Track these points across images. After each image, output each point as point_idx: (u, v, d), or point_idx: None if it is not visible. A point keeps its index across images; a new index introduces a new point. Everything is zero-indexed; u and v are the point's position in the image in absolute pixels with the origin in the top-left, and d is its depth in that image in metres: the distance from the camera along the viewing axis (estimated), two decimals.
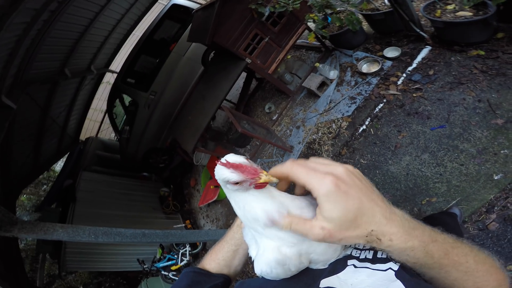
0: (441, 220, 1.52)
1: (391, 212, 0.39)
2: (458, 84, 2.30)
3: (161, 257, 3.77)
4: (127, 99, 4.92)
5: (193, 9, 4.09)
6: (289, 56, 4.41)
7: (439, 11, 2.42)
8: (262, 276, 0.47)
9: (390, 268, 0.43)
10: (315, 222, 0.39)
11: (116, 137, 6.24)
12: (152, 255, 3.91)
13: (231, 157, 0.41)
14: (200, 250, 4.14)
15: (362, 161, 2.71)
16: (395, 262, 0.44)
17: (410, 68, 2.75)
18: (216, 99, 3.37)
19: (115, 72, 5.54)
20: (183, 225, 4.65)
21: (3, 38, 2.26)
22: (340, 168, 0.39)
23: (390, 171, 2.45)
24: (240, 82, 4.59)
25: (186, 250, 3.89)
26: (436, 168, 2.17)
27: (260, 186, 0.42)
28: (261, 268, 0.45)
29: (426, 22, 2.82)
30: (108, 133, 8.11)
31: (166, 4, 4.60)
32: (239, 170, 0.40)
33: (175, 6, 4.48)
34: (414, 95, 2.55)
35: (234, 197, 0.45)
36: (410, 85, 2.64)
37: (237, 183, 0.40)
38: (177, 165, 5.65)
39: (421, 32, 2.62)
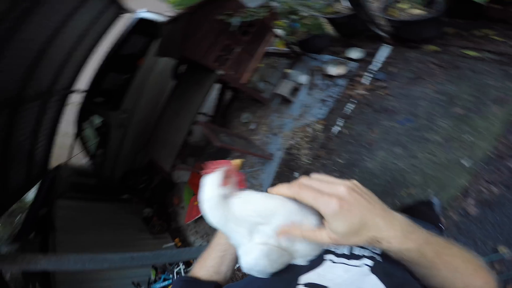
0: (416, 209, 1.56)
1: (392, 218, 0.44)
2: (418, 79, 2.44)
3: (156, 278, 3.60)
4: (97, 120, 4.71)
5: (160, 22, 4.04)
6: (261, 65, 4.48)
7: (395, 10, 2.57)
8: (249, 272, 0.50)
9: (365, 264, 0.47)
10: (323, 232, 0.44)
11: (90, 162, 5.94)
12: (147, 276, 3.73)
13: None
14: None
15: (340, 160, 2.74)
16: (369, 258, 0.48)
17: (374, 68, 2.87)
18: (189, 114, 3.31)
19: (81, 92, 5.31)
20: (173, 243, 4.49)
21: None
22: (341, 188, 0.43)
23: (367, 167, 2.50)
24: (216, 94, 4.57)
25: (180, 269, 3.75)
26: (410, 160, 2.24)
27: (244, 181, 0.51)
28: (246, 261, 0.47)
29: (385, 22, 2.97)
30: (81, 158, 7.70)
31: (131, 18, 4.48)
32: (216, 166, 0.48)
33: (141, 20, 4.37)
34: (380, 93, 2.66)
35: (230, 207, 0.48)
36: (375, 83, 2.76)
37: (226, 178, 0.47)
38: (157, 185, 5.46)
39: (380, 32, 2.77)
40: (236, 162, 0.51)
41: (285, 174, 3.19)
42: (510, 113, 1.97)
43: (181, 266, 3.81)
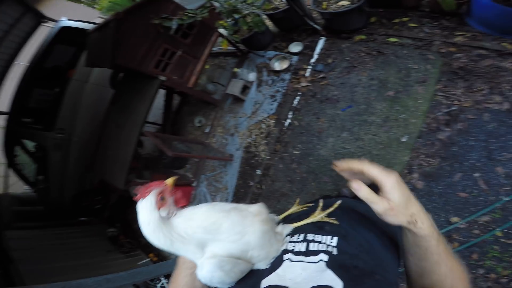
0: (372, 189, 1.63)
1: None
2: (352, 67, 2.58)
3: None
4: (30, 144, 4.08)
5: (87, 30, 3.62)
6: (207, 66, 4.32)
7: (325, 3, 2.64)
8: (210, 285, 0.50)
9: (321, 260, 0.48)
10: (382, 198, 0.48)
11: (31, 189, 5.19)
12: None
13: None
14: None
15: (295, 152, 2.79)
16: (325, 252, 0.49)
17: (313, 60, 2.95)
18: (135, 126, 3.02)
19: (3, 114, 4.56)
20: (148, 259, 4.18)
21: None
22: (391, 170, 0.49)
23: (321, 155, 2.57)
24: (163, 100, 4.29)
25: (163, 283, 3.52)
26: (357, 143, 2.36)
27: (183, 198, 0.51)
28: (202, 275, 0.47)
29: (318, 15, 3.05)
30: (21, 186, 6.71)
31: (53, 27, 3.91)
32: (148, 189, 0.46)
33: (65, 29, 3.86)
34: (321, 83, 2.75)
35: (173, 229, 0.47)
36: (316, 75, 2.84)
37: (161, 200, 0.46)
38: (115, 203, 5.00)
39: (314, 25, 2.84)
40: (169, 181, 0.50)
41: (248, 173, 3.15)
42: (432, 92, 2.19)
43: (163, 280, 3.63)
